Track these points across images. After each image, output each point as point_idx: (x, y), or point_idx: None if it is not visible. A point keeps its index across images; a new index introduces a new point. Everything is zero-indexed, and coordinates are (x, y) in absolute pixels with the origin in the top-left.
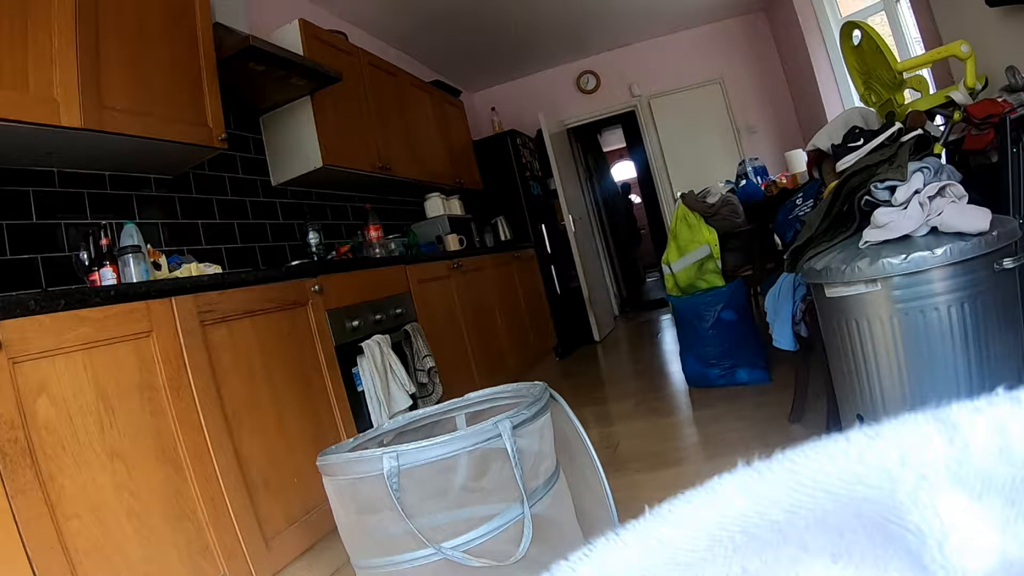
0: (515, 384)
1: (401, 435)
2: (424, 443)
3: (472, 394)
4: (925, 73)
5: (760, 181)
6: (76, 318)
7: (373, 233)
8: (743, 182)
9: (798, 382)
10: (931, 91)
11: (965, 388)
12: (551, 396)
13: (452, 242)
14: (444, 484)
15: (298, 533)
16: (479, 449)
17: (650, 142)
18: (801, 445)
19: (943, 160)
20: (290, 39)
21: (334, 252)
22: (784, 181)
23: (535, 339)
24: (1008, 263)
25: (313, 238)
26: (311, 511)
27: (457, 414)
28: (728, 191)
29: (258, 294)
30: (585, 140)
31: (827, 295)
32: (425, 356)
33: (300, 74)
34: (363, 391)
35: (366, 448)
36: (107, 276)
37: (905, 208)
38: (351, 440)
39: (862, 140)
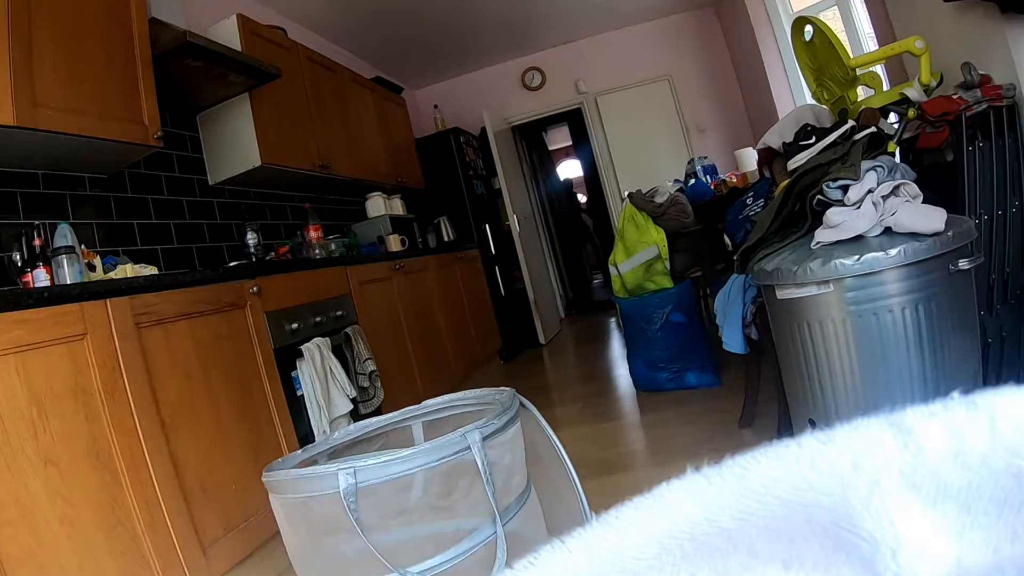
0: (478, 390)
1: (353, 446)
2: (385, 457)
3: (429, 401)
4: (879, 69)
5: (709, 180)
6: (8, 321)
7: (313, 233)
8: (692, 181)
9: (748, 386)
10: (885, 88)
11: (920, 392)
12: (520, 403)
13: (394, 243)
14: (408, 502)
15: (237, 541)
16: (446, 463)
17: (597, 140)
18: (751, 450)
19: (897, 159)
20: (228, 34)
21: (273, 253)
22: (734, 180)
23: (479, 342)
24: (964, 264)
25: (251, 238)
26: (250, 518)
27: (413, 423)
28: (677, 190)
29: (195, 296)
30: (530, 138)
31: (778, 297)
32: (366, 359)
33: (238, 70)
34: (303, 395)
35: (316, 462)
36: (40, 277)
37: (858, 208)
38: (299, 452)
39: (814, 138)
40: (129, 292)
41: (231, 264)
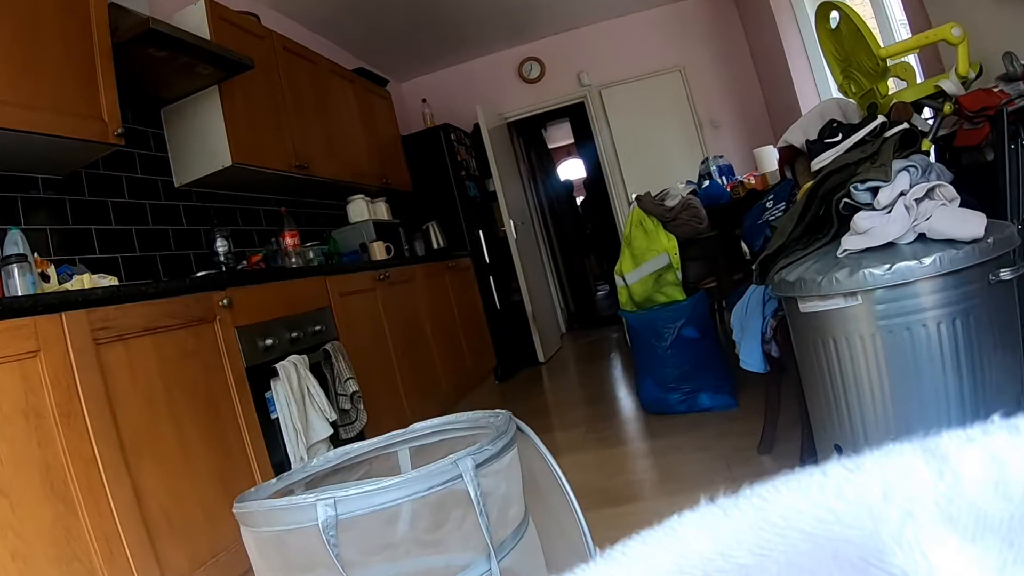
0: (471, 413)
1: (333, 475)
2: (368, 487)
3: (417, 425)
4: (912, 60)
5: (725, 182)
6: None
7: (289, 240)
8: (706, 183)
9: (768, 408)
10: (918, 80)
11: (957, 415)
12: (517, 427)
13: (378, 250)
14: (393, 536)
15: None
16: (436, 493)
17: (601, 138)
18: (771, 479)
19: (932, 158)
20: (195, 21)
21: (245, 262)
22: (752, 182)
23: (472, 360)
24: (1005, 274)
25: (221, 246)
26: (219, 553)
27: (399, 449)
28: (689, 193)
29: (159, 309)
30: (528, 135)
31: (801, 310)
32: (347, 379)
33: (206, 60)
34: (277, 418)
35: (292, 491)
36: None
37: (889, 212)
38: (273, 481)
39: (840, 135)
40: (86, 305)
41: (199, 274)
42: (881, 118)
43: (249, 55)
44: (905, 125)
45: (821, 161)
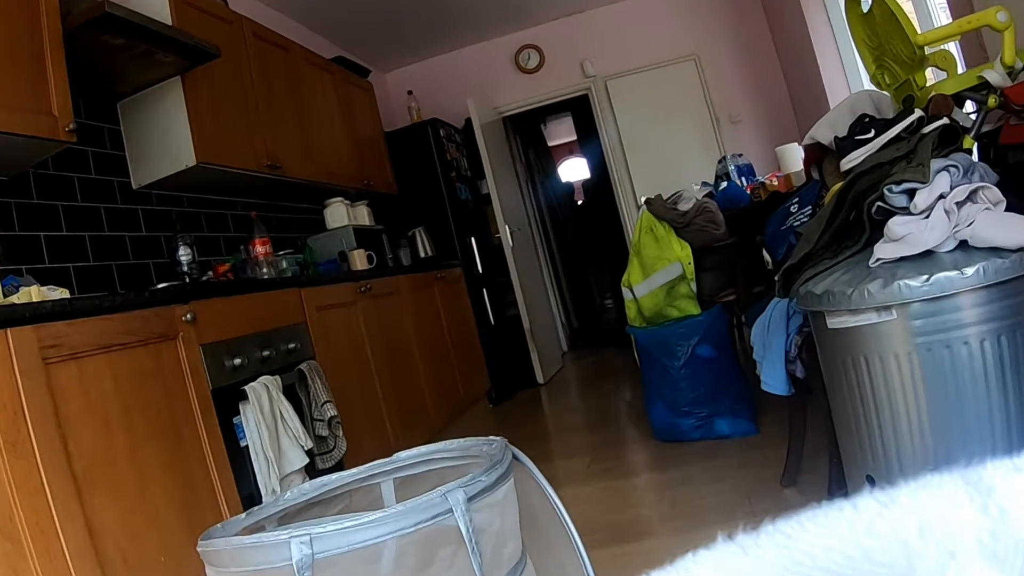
0: (462, 440)
1: (309, 509)
2: (348, 523)
3: (403, 454)
4: (952, 48)
5: (745, 183)
6: None
7: (260, 248)
8: (724, 184)
9: (793, 435)
10: (960, 70)
11: (1002, 443)
12: (513, 455)
13: (359, 259)
14: None
15: None
16: (423, 529)
17: (607, 134)
18: (796, 514)
19: (974, 156)
20: (155, 4)
21: (210, 272)
22: (775, 183)
23: (463, 381)
24: None
25: (184, 255)
26: None
27: (383, 480)
28: (705, 196)
29: (116, 325)
30: (526, 132)
31: (829, 326)
32: (325, 403)
33: (168, 48)
34: (247, 446)
35: (264, 528)
36: None
37: (927, 217)
38: (243, 517)
39: (873, 131)
40: (35, 320)
41: (160, 286)
42: (918, 112)
43: (215, 42)
44: (945, 120)
45: (851, 160)
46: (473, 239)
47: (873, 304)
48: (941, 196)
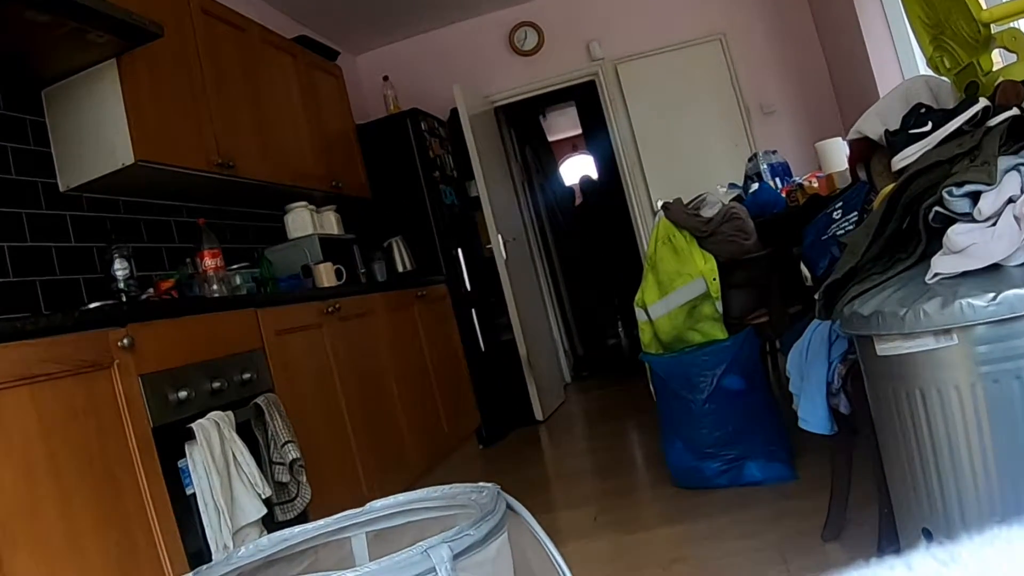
0: (447, 487)
1: (268, 567)
2: None
3: (377, 503)
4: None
5: (780, 185)
6: None
7: (209, 261)
8: (755, 186)
9: (836, 481)
10: None
11: None
12: (507, 505)
13: (326, 274)
14: None
15: None
16: None
17: (617, 127)
18: (840, 574)
19: None
20: None
21: (152, 289)
22: (815, 185)
23: (449, 418)
24: None
25: (121, 269)
26: None
27: (354, 534)
28: (733, 200)
29: (39, 351)
30: (522, 124)
31: (878, 353)
32: (286, 443)
33: (101, 26)
34: (194, 494)
35: None
36: None
37: (993, 224)
38: None
39: (930, 124)
40: None
41: (92, 306)
42: (983, 101)
43: (157, 19)
44: (1015, 111)
45: (905, 158)
46: (460, 251)
47: (930, 327)
48: (1010, 200)
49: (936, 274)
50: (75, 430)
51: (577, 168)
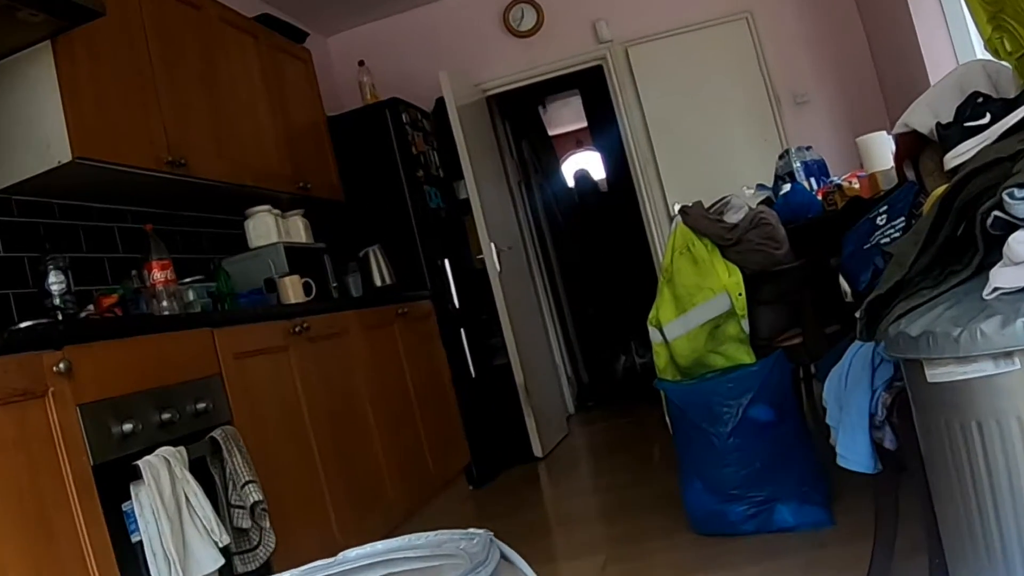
0: (431, 534)
1: None
2: None
3: (351, 552)
4: None
5: (815, 186)
6: None
7: (158, 274)
8: (786, 188)
9: (880, 527)
10: None
11: None
12: (501, 554)
13: (292, 289)
14: None
15: None
16: None
17: (628, 119)
18: None
19: None
20: None
21: (92, 307)
22: (856, 186)
23: (434, 454)
24: None
25: (56, 283)
26: None
27: None
28: (761, 203)
29: None
30: (519, 116)
31: (929, 379)
32: (247, 483)
33: (33, 3)
34: (141, 541)
35: None
36: None
37: None
38: None
39: (988, 116)
40: None
41: (22, 325)
42: None
43: None
44: None
45: (959, 155)
46: (447, 262)
47: (989, 350)
48: None
49: (995, 288)
50: (2, 466)
51: (581, 166)
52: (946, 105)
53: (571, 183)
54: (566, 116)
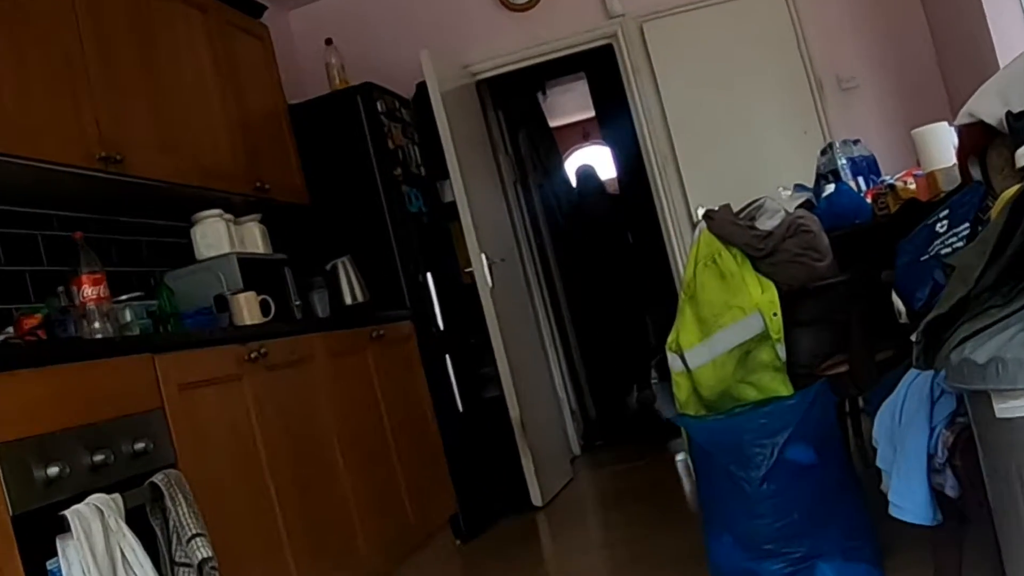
0: None
1: None
2: None
3: None
4: None
5: (864, 186)
6: None
7: (89, 290)
8: (830, 188)
9: None
10: None
11: None
12: None
13: (247, 308)
14: None
15: None
16: None
17: (643, 108)
18: None
19: None
20: None
21: (11, 329)
22: (912, 187)
23: (415, 502)
24: None
25: None
26: None
27: None
28: (800, 207)
29: None
30: (515, 104)
31: (998, 415)
32: (194, 537)
33: None
34: None
35: None
36: None
37: None
38: None
39: None
40: None
41: None
42: None
43: None
44: None
45: None
46: (430, 276)
47: None
48: None
49: None
50: None
51: (585, 162)
52: (1018, 92)
53: (573, 182)
54: (570, 104)
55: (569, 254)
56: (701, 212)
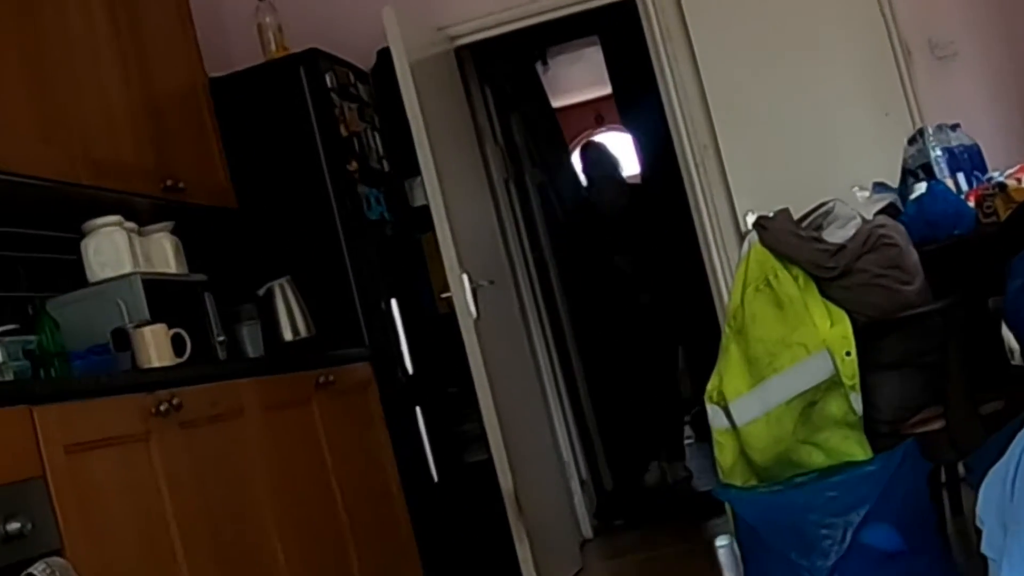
0: None
1: None
2: None
3: None
4: None
5: (967, 186)
6: None
7: None
8: (920, 188)
9: None
10: None
11: None
12: None
13: (155, 345)
14: None
15: None
16: None
17: (675, 84)
18: None
19: None
20: None
21: None
22: None
23: None
24: None
25: None
26: None
27: None
28: (881, 212)
29: None
30: (507, 77)
31: None
32: None
33: None
34: None
35: None
36: None
37: None
38: None
39: None
40: None
41: None
42: None
43: None
44: None
45: None
46: (395, 303)
47: None
48: None
49: None
50: None
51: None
52: None
53: (580, 173)
54: (579, 78)
55: (576, 271)
56: (751, 220)
